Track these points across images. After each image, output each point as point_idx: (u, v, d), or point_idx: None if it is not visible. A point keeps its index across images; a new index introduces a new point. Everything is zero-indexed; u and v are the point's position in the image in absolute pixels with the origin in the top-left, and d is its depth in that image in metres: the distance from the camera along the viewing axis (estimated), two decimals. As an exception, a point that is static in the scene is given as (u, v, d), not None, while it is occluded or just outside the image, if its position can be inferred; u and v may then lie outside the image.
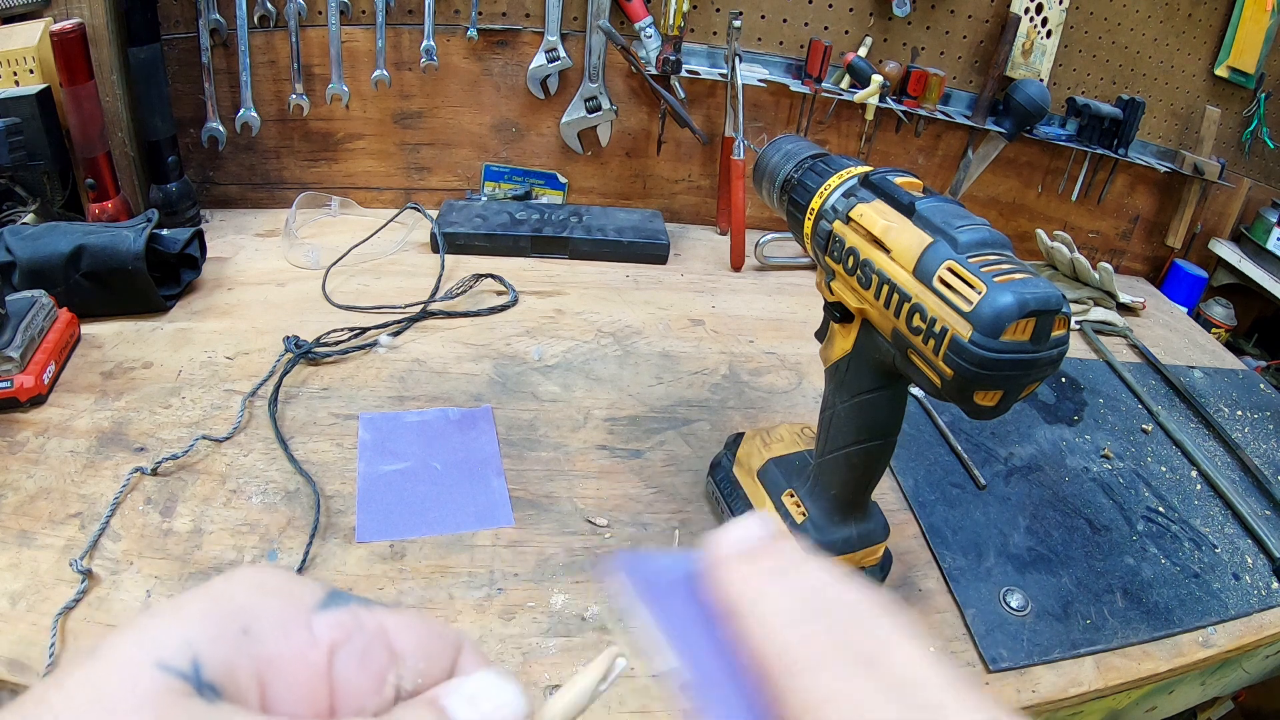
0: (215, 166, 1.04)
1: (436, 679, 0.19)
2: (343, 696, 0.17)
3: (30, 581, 0.52)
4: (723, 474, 0.65)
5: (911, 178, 0.48)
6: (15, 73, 0.84)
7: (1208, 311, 1.30)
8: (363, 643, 0.18)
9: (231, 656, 0.16)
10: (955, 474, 0.76)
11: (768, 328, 0.96)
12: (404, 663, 0.18)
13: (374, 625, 0.18)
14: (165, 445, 0.65)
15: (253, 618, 0.17)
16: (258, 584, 0.18)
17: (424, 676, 0.19)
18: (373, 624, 0.18)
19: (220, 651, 0.15)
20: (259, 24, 0.95)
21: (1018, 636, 0.60)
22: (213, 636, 0.15)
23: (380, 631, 0.18)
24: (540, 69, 1.04)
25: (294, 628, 0.17)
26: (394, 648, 0.18)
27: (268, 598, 0.17)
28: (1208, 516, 0.78)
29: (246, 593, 0.17)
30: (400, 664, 0.18)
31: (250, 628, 0.16)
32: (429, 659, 0.19)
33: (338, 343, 0.80)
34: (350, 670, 0.17)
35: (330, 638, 0.17)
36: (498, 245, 1.01)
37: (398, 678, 0.18)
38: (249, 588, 0.17)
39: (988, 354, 0.38)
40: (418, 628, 0.19)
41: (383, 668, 0.18)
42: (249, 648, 0.16)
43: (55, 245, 0.75)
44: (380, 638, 0.18)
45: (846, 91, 1.10)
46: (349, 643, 0.18)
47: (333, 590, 0.19)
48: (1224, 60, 1.23)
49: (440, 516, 0.62)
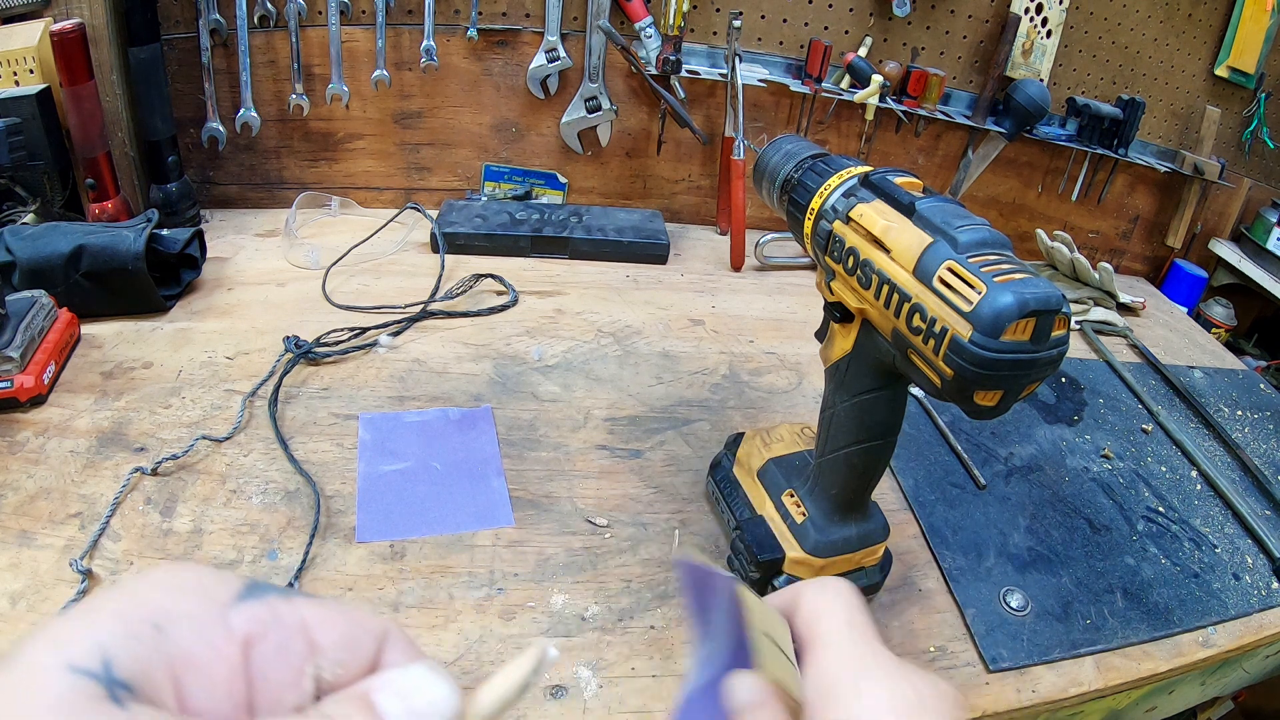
0: (215, 166, 1.04)
1: (359, 670, 0.19)
2: (261, 691, 0.17)
3: (30, 581, 0.52)
4: (723, 474, 0.65)
5: (911, 178, 0.48)
6: (15, 73, 0.84)
7: (1208, 311, 1.30)
8: (280, 636, 0.18)
9: (144, 655, 0.15)
10: (955, 474, 0.76)
11: (768, 328, 0.96)
12: (323, 654, 0.18)
13: (292, 618, 0.18)
14: (165, 445, 0.65)
15: (165, 615, 0.16)
16: (172, 581, 0.17)
17: (344, 668, 0.18)
18: (291, 616, 0.18)
19: (132, 650, 0.15)
20: (259, 24, 0.95)
21: (1018, 636, 0.60)
22: (124, 636, 0.15)
23: (298, 624, 0.18)
24: (540, 69, 1.04)
25: (208, 623, 0.17)
26: (313, 640, 0.18)
27: (182, 595, 0.17)
28: (1208, 516, 0.78)
29: (160, 591, 0.17)
30: (319, 656, 0.18)
31: (163, 625, 0.16)
32: (350, 650, 0.19)
33: (338, 343, 0.80)
34: (267, 664, 0.17)
35: (246, 631, 0.17)
36: (498, 245, 1.01)
37: (316, 669, 0.18)
38: (162, 586, 0.17)
39: (988, 354, 0.38)
40: (338, 619, 0.19)
41: (301, 660, 0.18)
42: (162, 645, 0.16)
43: (55, 245, 0.75)
44: (298, 630, 0.18)
45: (846, 91, 1.10)
46: (265, 636, 0.17)
47: (251, 582, 0.19)
48: (1224, 60, 1.23)
49: (440, 516, 0.62)
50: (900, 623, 0.60)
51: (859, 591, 0.29)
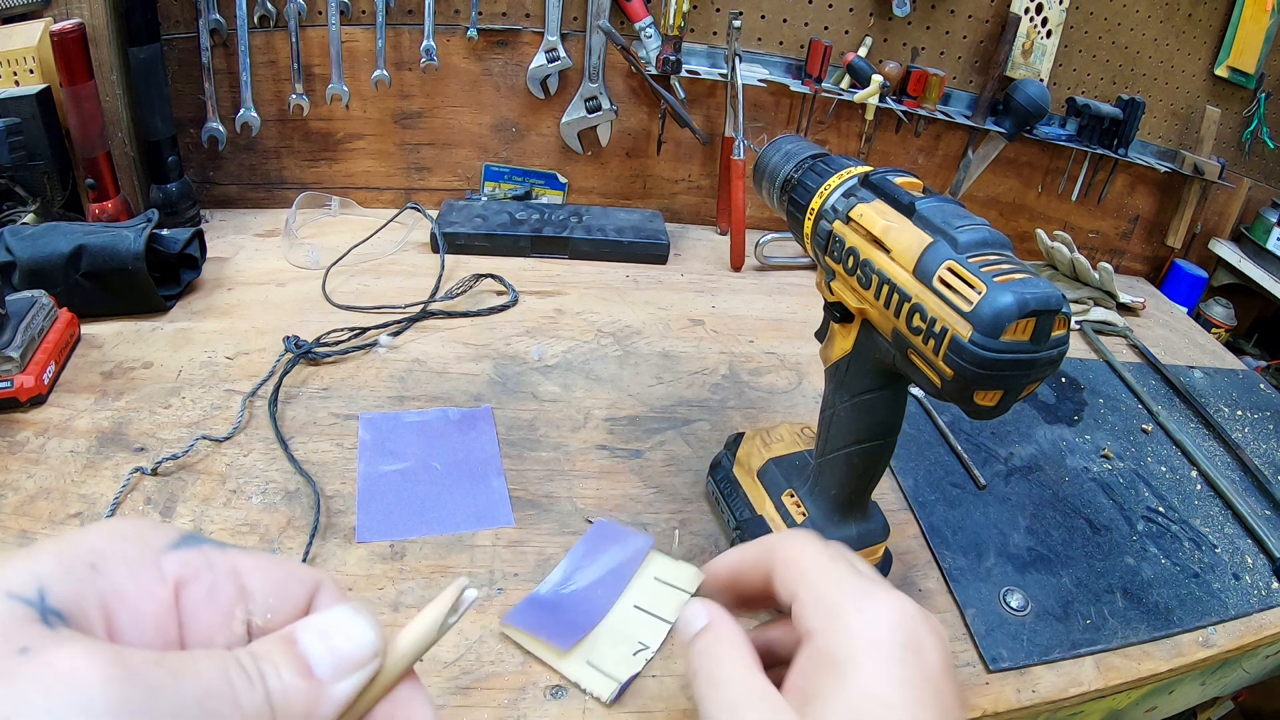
0: (215, 166, 1.04)
1: (289, 616, 0.19)
2: (191, 630, 0.18)
3: (30, 581, 0.52)
4: (723, 474, 0.65)
5: (911, 178, 0.48)
6: (15, 73, 0.84)
7: (1208, 311, 1.30)
8: (211, 580, 0.18)
9: (77, 589, 0.16)
10: (955, 474, 0.76)
11: (768, 328, 0.96)
12: (254, 600, 0.19)
13: (224, 564, 0.19)
14: (165, 445, 0.65)
15: (101, 556, 0.17)
16: (111, 530, 0.18)
17: (274, 613, 0.19)
18: (223, 563, 0.19)
19: (67, 585, 0.16)
20: (259, 24, 0.95)
21: (1018, 636, 0.60)
22: (61, 571, 0.16)
23: (230, 570, 0.19)
24: (540, 69, 1.04)
25: (141, 565, 0.18)
26: (244, 585, 0.19)
27: (119, 540, 0.18)
28: (1208, 516, 0.78)
29: (98, 537, 0.18)
30: (250, 601, 0.19)
31: (98, 565, 0.17)
32: (280, 597, 0.19)
33: (338, 343, 0.80)
34: (197, 605, 0.18)
35: (177, 574, 0.18)
36: (498, 245, 1.01)
37: (247, 613, 0.19)
38: (101, 533, 0.18)
39: (988, 354, 0.38)
40: (270, 568, 0.20)
41: (231, 603, 0.18)
42: (95, 582, 0.17)
43: (55, 245, 0.75)
44: (230, 576, 0.19)
45: (846, 91, 1.10)
46: (197, 579, 0.18)
47: (187, 534, 0.19)
48: (1224, 60, 1.23)
49: (440, 516, 0.62)
50: (900, 623, 0.60)
51: None
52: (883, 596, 0.26)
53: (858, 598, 0.26)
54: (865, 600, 0.25)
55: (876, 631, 0.24)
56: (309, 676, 0.18)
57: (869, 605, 0.25)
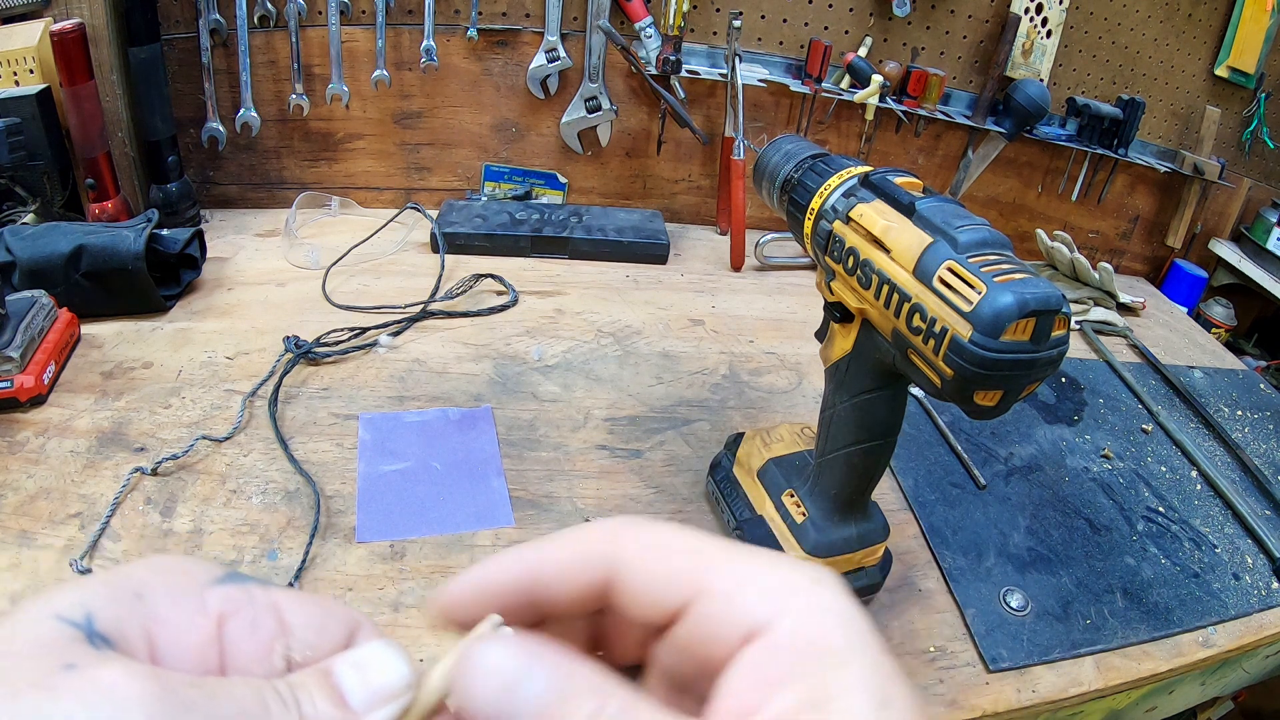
0: (215, 166, 1.04)
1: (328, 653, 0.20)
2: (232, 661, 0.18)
3: (30, 581, 0.52)
4: (723, 474, 0.65)
5: (911, 178, 0.48)
6: (15, 73, 0.84)
7: (1208, 311, 1.30)
8: (252, 614, 0.19)
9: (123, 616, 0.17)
10: (955, 474, 0.76)
11: (768, 328, 0.96)
12: (293, 635, 0.19)
13: (266, 600, 0.19)
14: (165, 445, 0.65)
15: (147, 587, 0.18)
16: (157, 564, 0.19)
17: (313, 649, 0.19)
18: (265, 599, 0.20)
19: (113, 611, 0.17)
20: (259, 24, 0.95)
21: (1018, 636, 0.60)
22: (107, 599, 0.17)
23: (271, 606, 0.19)
24: (540, 69, 1.04)
25: (185, 597, 0.18)
26: (285, 621, 0.19)
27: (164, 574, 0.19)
28: (1208, 516, 0.78)
29: (145, 570, 0.19)
30: (290, 636, 0.19)
31: (143, 595, 0.18)
32: (320, 634, 0.20)
33: (338, 343, 0.80)
34: (239, 637, 0.19)
35: (220, 608, 0.19)
36: (498, 245, 1.01)
37: (286, 648, 0.19)
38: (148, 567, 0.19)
39: (988, 354, 0.38)
40: (311, 607, 0.20)
41: (271, 637, 0.19)
42: (140, 610, 0.17)
43: (55, 245, 0.75)
44: (271, 611, 0.19)
45: (846, 91, 1.10)
46: (238, 614, 0.19)
47: (232, 571, 0.20)
48: (1224, 60, 1.23)
49: (440, 516, 0.62)
50: (900, 623, 0.60)
51: None
52: (798, 564, 0.20)
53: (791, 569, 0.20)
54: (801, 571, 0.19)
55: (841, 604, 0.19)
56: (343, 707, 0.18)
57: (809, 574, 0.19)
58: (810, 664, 0.17)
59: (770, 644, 0.18)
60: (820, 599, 0.19)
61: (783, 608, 0.18)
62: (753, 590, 0.19)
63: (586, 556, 0.20)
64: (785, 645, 0.18)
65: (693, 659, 0.19)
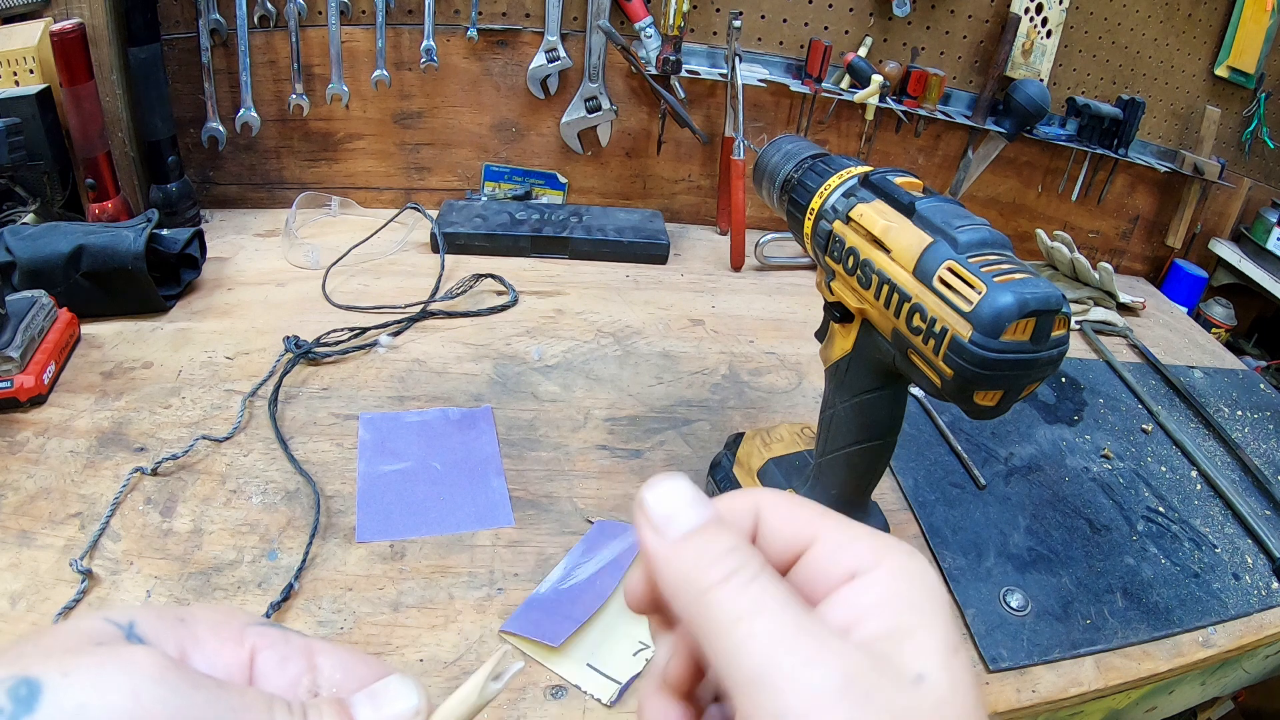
0: (215, 166, 1.04)
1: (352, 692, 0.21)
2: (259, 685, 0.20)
3: (30, 581, 0.52)
4: (723, 474, 0.65)
5: (911, 178, 0.48)
6: (15, 73, 0.84)
7: (1208, 311, 1.30)
8: (284, 650, 0.21)
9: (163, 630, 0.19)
10: (955, 474, 0.76)
11: (768, 328, 0.96)
12: (321, 674, 0.21)
13: (299, 642, 0.21)
14: (165, 445, 0.65)
15: (190, 615, 0.20)
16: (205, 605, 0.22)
17: (339, 688, 0.21)
18: (299, 641, 0.21)
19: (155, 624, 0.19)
20: (259, 24, 0.95)
21: (1018, 636, 0.60)
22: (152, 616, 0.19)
23: (304, 648, 0.21)
24: (540, 69, 1.04)
25: (224, 629, 0.20)
26: (315, 663, 0.21)
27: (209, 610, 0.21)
28: (1208, 516, 0.78)
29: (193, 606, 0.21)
30: (318, 674, 0.21)
31: (186, 620, 0.20)
32: (347, 675, 0.21)
33: (338, 343, 0.80)
34: (268, 668, 0.20)
35: (255, 642, 0.20)
36: (498, 245, 1.01)
37: (313, 684, 0.21)
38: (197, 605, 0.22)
39: (988, 354, 0.38)
40: (342, 653, 0.22)
41: (299, 673, 0.21)
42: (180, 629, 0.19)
43: (55, 245, 0.75)
44: (303, 652, 0.21)
45: (846, 91, 1.10)
46: (271, 648, 0.20)
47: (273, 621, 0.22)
48: (1224, 60, 1.23)
49: (440, 516, 0.62)
50: (900, 623, 0.60)
51: None
52: (896, 539, 0.23)
53: (891, 540, 0.22)
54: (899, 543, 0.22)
55: (929, 573, 0.21)
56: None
57: (905, 546, 0.22)
58: (898, 605, 0.20)
59: (866, 582, 0.21)
60: (913, 563, 0.21)
61: (880, 560, 0.21)
62: (861, 543, 0.22)
63: (739, 508, 0.23)
64: (879, 586, 0.20)
65: (802, 594, 0.21)
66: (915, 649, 0.19)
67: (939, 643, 0.19)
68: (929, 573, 0.21)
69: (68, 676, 0.16)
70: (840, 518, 0.23)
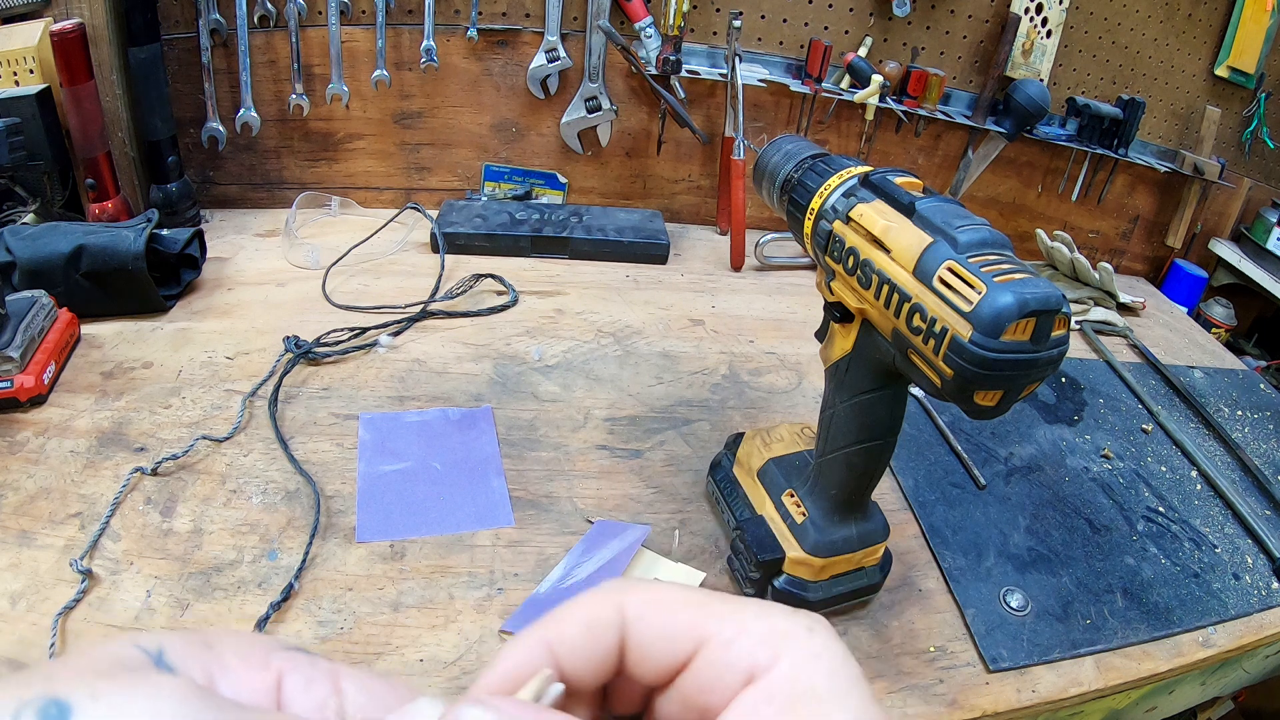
0: (215, 166, 1.04)
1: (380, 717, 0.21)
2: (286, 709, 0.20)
3: (30, 581, 0.52)
4: (723, 474, 0.65)
5: (911, 178, 0.48)
6: (15, 73, 0.84)
7: (1208, 311, 1.30)
8: (311, 674, 0.20)
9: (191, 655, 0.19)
10: (955, 474, 0.76)
11: (768, 328, 0.96)
12: (347, 698, 0.21)
13: (326, 666, 0.21)
14: (165, 445, 0.65)
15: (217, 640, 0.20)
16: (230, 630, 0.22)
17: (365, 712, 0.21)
18: (325, 665, 0.21)
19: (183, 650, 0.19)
20: (259, 24, 0.95)
21: (1018, 636, 0.60)
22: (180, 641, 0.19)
23: (330, 672, 0.21)
24: (540, 69, 1.04)
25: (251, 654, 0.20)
26: (341, 687, 0.21)
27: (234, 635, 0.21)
28: (1208, 516, 0.78)
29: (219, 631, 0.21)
30: (344, 698, 0.21)
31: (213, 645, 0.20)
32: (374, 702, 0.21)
33: (338, 343, 0.80)
34: (295, 692, 0.20)
35: (280, 665, 0.20)
36: (498, 245, 1.01)
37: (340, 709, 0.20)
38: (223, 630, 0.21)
39: (988, 354, 0.38)
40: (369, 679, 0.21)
41: (325, 696, 0.20)
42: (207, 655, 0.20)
43: (55, 245, 0.75)
44: (329, 676, 0.21)
45: (846, 91, 1.10)
46: (297, 671, 0.20)
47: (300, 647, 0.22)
48: (1224, 60, 1.23)
49: (440, 516, 0.62)
50: (900, 623, 0.60)
51: None
52: (793, 612, 0.21)
53: (786, 617, 0.21)
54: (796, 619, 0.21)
55: (833, 651, 0.20)
56: None
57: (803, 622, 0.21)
58: (802, 708, 0.18)
59: (766, 687, 0.19)
60: (813, 646, 0.20)
61: (779, 652, 0.19)
62: (753, 636, 0.20)
63: (597, 628, 0.20)
64: (780, 689, 0.19)
65: (695, 708, 0.20)
66: None
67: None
68: (834, 651, 0.20)
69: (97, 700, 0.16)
70: (726, 604, 0.21)
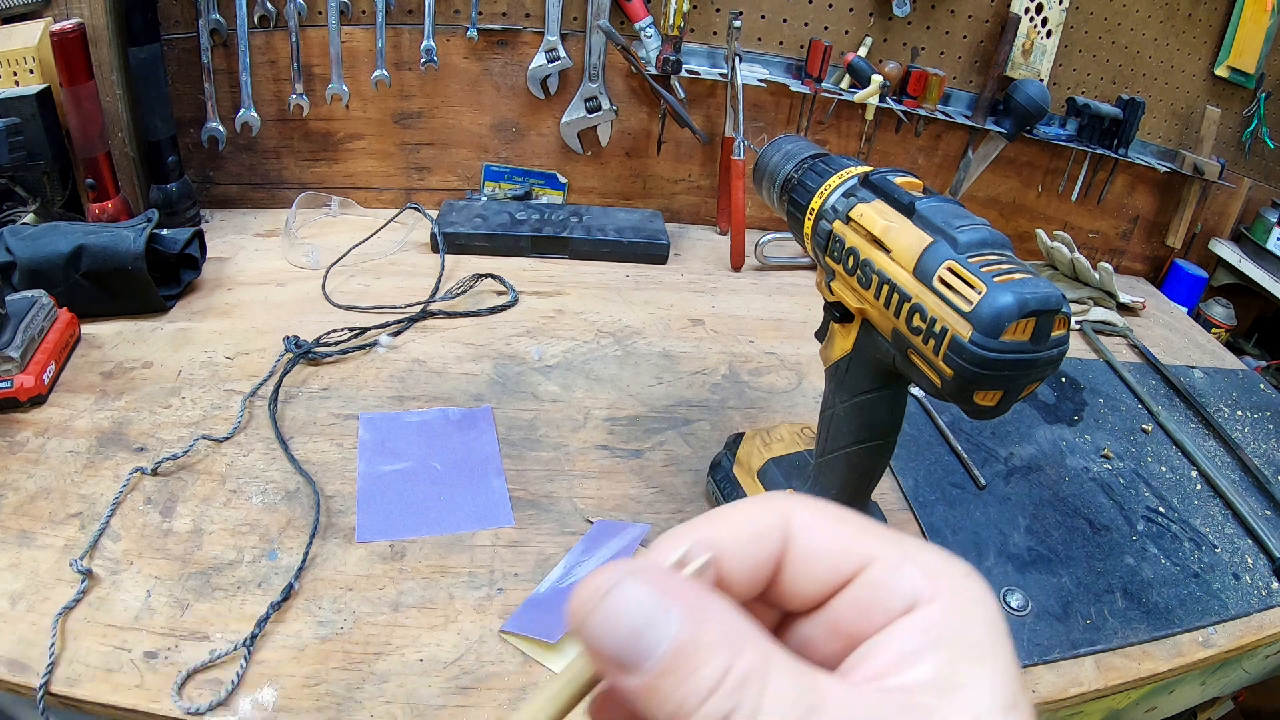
0: (215, 166, 1.04)
1: None
2: None
3: (30, 581, 0.52)
4: (723, 474, 0.65)
5: (911, 178, 0.48)
6: (15, 73, 0.84)
7: (1208, 311, 1.30)
8: None
9: None
10: (955, 474, 0.76)
11: (768, 328, 0.96)
12: None
13: None
14: (165, 445, 0.65)
15: None
16: None
17: None
18: None
19: None
20: (259, 24, 0.95)
21: (1018, 636, 0.60)
22: None
23: None
24: (540, 69, 1.04)
25: None
26: None
27: None
28: (1208, 516, 0.78)
29: None
30: None
31: None
32: None
33: (338, 343, 0.80)
34: None
35: None
36: (498, 245, 1.01)
37: None
38: None
39: (988, 354, 0.38)
40: None
41: None
42: None
43: (55, 245, 0.75)
44: None
45: (846, 91, 1.10)
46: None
47: None
48: (1224, 60, 1.23)
49: (440, 516, 0.62)
50: (900, 623, 0.60)
51: None
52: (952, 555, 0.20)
53: (948, 558, 0.20)
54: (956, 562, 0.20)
55: (990, 601, 0.19)
56: None
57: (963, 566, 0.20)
58: (951, 648, 0.18)
59: (923, 619, 0.18)
60: (973, 590, 0.19)
61: (939, 589, 0.18)
62: (919, 565, 0.19)
63: (761, 533, 0.19)
64: (936, 625, 0.18)
65: (843, 632, 0.19)
66: (959, 707, 0.17)
67: (991, 700, 0.17)
68: (989, 603, 0.19)
69: None
70: (887, 531, 0.20)
